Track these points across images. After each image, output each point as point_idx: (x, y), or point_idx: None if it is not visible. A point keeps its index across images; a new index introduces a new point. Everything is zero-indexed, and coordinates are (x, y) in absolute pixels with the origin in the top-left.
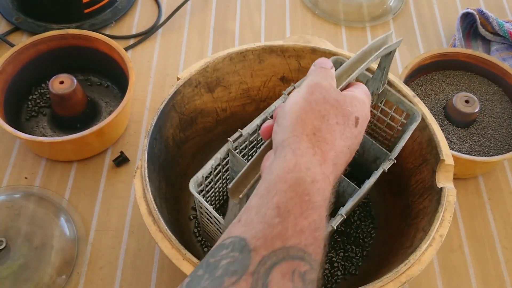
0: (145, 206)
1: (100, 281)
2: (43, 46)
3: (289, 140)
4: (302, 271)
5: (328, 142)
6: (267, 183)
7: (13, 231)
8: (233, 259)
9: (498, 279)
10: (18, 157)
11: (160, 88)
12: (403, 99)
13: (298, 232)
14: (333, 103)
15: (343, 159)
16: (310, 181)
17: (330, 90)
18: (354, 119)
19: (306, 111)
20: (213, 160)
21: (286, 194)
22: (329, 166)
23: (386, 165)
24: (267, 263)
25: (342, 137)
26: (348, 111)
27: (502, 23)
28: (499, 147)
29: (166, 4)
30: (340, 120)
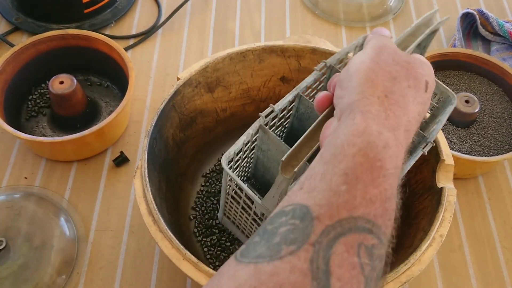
0: (145, 206)
1: (100, 281)
2: (43, 46)
3: (358, 102)
4: (370, 244)
5: (401, 106)
6: (332, 148)
7: (13, 231)
8: (293, 226)
9: (498, 279)
10: (18, 157)
11: (160, 88)
12: (437, 81)
13: (368, 201)
14: (404, 65)
15: (415, 126)
16: (382, 146)
17: (398, 51)
18: (424, 82)
19: (375, 71)
20: (245, 136)
21: (355, 159)
22: (402, 132)
23: (426, 148)
24: (331, 234)
25: (414, 101)
26: (419, 74)
27: (502, 23)
28: (499, 147)
29: (166, 4)
30: (412, 83)
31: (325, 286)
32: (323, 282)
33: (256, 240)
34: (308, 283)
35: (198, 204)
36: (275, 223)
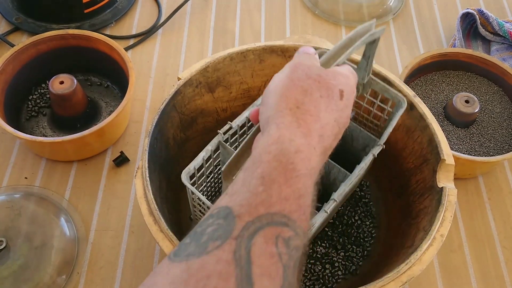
0: (146, 206)
1: (100, 281)
2: (43, 46)
3: (273, 116)
4: (286, 236)
5: (313, 114)
6: (252, 157)
7: (13, 231)
8: (217, 226)
9: (498, 279)
10: (18, 157)
11: (160, 88)
12: (388, 87)
13: (282, 199)
14: (316, 78)
15: (331, 131)
16: (294, 151)
17: (312, 67)
18: (338, 91)
19: (288, 87)
20: (204, 152)
21: (270, 164)
22: (315, 137)
23: (376, 150)
24: (251, 228)
25: (327, 109)
26: (331, 84)
27: (502, 23)
28: (499, 147)
29: (166, 4)
30: (324, 93)
31: (247, 273)
32: (245, 270)
33: (187, 241)
34: (232, 271)
35: None
36: (203, 225)
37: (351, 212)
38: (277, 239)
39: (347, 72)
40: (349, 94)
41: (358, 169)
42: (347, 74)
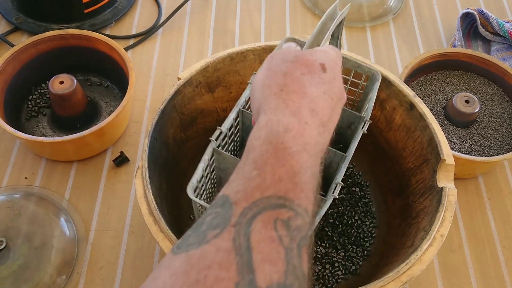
0: (146, 206)
1: (100, 281)
2: (43, 46)
3: (261, 106)
4: (285, 218)
5: (298, 92)
6: (246, 147)
7: (13, 231)
8: (215, 214)
9: (498, 279)
10: (18, 157)
11: (160, 88)
12: (360, 63)
13: (277, 180)
14: (293, 59)
15: (323, 104)
16: (283, 131)
17: (287, 52)
18: (319, 65)
19: (269, 76)
20: (203, 163)
21: (261, 148)
22: (305, 112)
23: (364, 126)
24: (248, 214)
25: (312, 84)
26: (309, 60)
27: (502, 23)
28: (499, 147)
29: (166, 4)
30: (305, 70)
31: (248, 260)
32: (246, 257)
33: (188, 233)
34: (232, 259)
35: None
36: (203, 216)
37: (351, 212)
38: (275, 223)
39: (325, 48)
40: (331, 67)
41: (352, 147)
42: (325, 49)
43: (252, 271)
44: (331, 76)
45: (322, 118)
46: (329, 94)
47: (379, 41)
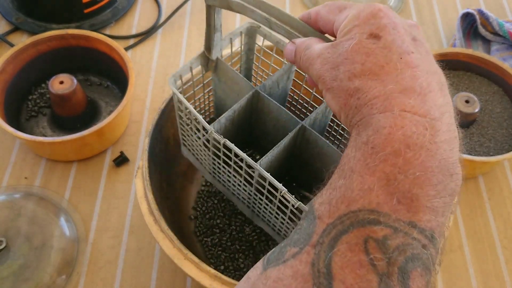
0: (146, 206)
1: (100, 281)
2: (43, 46)
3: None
4: (380, 236)
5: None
6: None
7: (13, 231)
8: (299, 226)
9: (498, 279)
10: (18, 157)
11: (160, 88)
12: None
13: (366, 191)
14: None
15: (422, 78)
16: (373, 133)
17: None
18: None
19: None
20: (190, 63)
21: (349, 153)
22: (400, 97)
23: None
24: (332, 233)
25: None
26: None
27: (502, 23)
28: (499, 147)
29: (166, 4)
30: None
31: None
32: (324, 287)
33: (282, 244)
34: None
35: (198, 204)
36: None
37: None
38: (366, 243)
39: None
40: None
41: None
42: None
43: None
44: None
45: (430, 84)
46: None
47: None
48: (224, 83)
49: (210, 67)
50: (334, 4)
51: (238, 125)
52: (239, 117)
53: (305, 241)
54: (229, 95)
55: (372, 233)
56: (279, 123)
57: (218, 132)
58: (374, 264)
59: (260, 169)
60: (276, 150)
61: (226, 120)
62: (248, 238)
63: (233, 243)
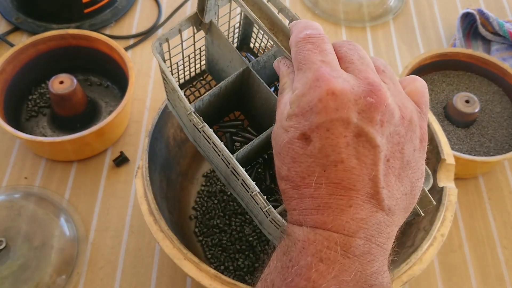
0: (146, 206)
1: (100, 281)
2: (43, 46)
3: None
4: None
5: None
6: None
7: (13, 231)
8: None
9: (498, 279)
10: (18, 157)
11: (160, 88)
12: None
13: None
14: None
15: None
16: (291, 244)
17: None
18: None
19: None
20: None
21: (272, 258)
22: (312, 212)
23: None
24: None
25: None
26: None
27: (502, 23)
28: (499, 147)
29: (166, 4)
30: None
31: None
32: None
33: None
34: None
35: (198, 204)
36: None
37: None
38: None
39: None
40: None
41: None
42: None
43: None
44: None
45: (351, 198)
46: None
47: (379, 41)
48: (217, 46)
49: (203, 28)
50: (294, 23)
51: (224, 96)
52: (226, 90)
53: None
54: (221, 57)
55: None
56: (267, 103)
57: (200, 107)
58: None
59: (235, 164)
60: (256, 142)
61: (210, 97)
62: (248, 238)
63: (233, 243)
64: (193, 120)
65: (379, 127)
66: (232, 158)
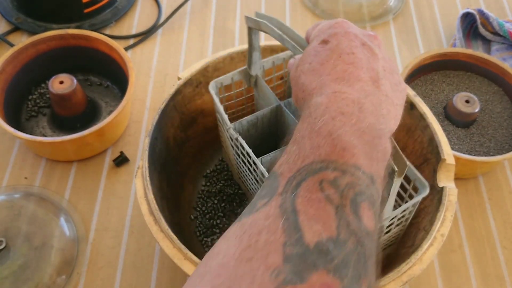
0: (146, 206)
1: (100, 281)
2: (43, 46)
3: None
4: (332, 178)
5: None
6: None
7: (13, 231)
8: (264, 186)
9: (498, 279)
10: (18, 157)
11: (160, 88)
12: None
13: (315, 147)
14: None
15: (360, 61)
16: (314, 109)
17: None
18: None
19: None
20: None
21: (298, 129)
22: (334, 83)
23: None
24: (293, 183)
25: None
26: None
27: (502, 23)
28: (499, 147)
29: (166, 4)
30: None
31: (294, 222)
32: (292, 219)
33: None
34: (279, 223)
35: (199, 204)
36: (258, 191)
37: None
38: (321, 184)
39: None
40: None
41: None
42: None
43: (299, 230)
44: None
45: (360, 76)
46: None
47: None
48: (262, 99)
49: (252, 83)
50: (315, 23)
51: (262, 133)
52: (263, 125)
53: (272, 193)
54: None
55: (325, 176)
56: None
57: (240, 132)
58: (329, 198)
59: (258, 163)
60: (279, 152)
61: (248, 124)
62: None
63: None
64: (231, 132)
65: (377, 46)
66: (256, 159)
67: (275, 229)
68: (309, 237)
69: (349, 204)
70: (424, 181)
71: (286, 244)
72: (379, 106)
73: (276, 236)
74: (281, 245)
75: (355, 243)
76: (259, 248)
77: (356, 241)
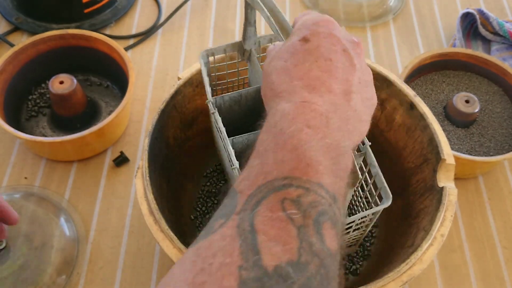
0: (146, 206)
1: (100, 281)
2: (43, 46)
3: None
4: (294, 196)
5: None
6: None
7: (13, 231)
8: (223, 205)
9: (498, 279)
10: (18, 157)
11: (160, 88)
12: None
13: (278, 162)
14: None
15: (329, 72)
16: (279, 117)
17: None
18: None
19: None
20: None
21: (261, 139)
22: (303, 91)
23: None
24: (253, 200)
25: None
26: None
27: (502, 23)
28: (499, 147)
29: (166, 4)
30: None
31: (252, 243)
32: (250, 240)
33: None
34: (236, 244)
35: (199, 204)
36: (217, 210)
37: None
38: (283, 203)
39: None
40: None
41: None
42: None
43: (257, 252)
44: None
45: (332, 87)
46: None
47: (379, 41)
48: (254, 74)
49: (245, 57)
50: (305, 11)
51: (246, 111)
52: (248, 103)
53: (230, 212)
54: (257, 84)
55: (287, 194)
56: None
57: (222, 107)
58: (291, 218)
59: (227, 142)
60: (253, 135)
61: (230, 99)
62: None
63: None
64: (209, 106)
65: (358, 55)
66: (227, 139)
67: (231, 251)
68: (267, 260)
69: (312, 224)
70: (388, 192)
71: (242, 267)
72: (346, 122)
73: (232, 258)
74: (236, 268)
75: (318, 265)
76: (213, 272)
77: (319, 263)
